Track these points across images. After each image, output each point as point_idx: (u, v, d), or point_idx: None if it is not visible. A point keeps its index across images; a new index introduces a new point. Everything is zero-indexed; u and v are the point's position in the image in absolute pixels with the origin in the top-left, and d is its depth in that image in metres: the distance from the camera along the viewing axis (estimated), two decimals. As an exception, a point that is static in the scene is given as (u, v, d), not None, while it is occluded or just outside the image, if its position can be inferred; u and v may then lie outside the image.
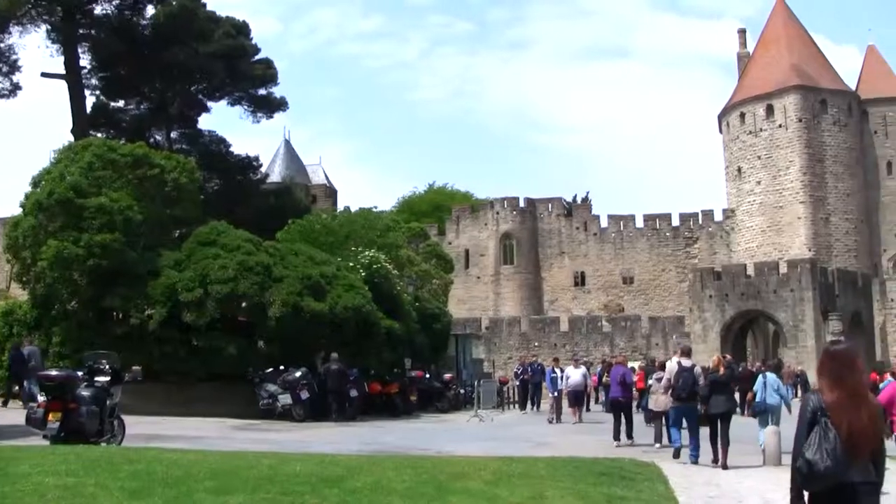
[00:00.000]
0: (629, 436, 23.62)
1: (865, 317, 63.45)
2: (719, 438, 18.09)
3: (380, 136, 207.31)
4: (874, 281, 70.66)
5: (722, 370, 19.00)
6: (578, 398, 31.46)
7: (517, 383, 41.28)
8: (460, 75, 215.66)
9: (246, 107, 59.21)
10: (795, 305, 57.77)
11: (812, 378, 45.76)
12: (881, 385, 20.36)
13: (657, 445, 21.83)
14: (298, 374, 28.84)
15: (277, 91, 59.82)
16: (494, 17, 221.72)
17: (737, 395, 29.27)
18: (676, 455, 19.08)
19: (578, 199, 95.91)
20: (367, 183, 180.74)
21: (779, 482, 14.34)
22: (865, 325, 63.00)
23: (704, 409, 18.31)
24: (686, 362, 19.35)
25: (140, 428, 19.95)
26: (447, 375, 41.23)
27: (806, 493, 6.67)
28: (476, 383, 37.97)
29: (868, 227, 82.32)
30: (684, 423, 19.32)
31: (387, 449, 19.86)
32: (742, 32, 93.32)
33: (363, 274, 35.47)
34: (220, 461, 13.06)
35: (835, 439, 6.46)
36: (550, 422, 30.91)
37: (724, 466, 17.70)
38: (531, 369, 38.99)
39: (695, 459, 18.38)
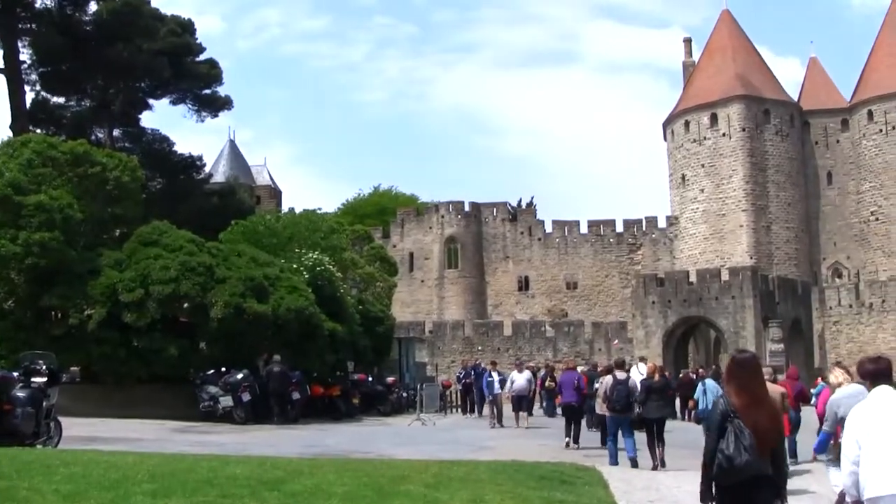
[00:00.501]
0: (577, 439, 24.08)
1: (805, 324, 64.18)
2: (655, 441, 18.78)
3: (325, 138, 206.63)
4: (813, 289, 71.48)
5: (657, 377, 19.90)
6: (523, 403, 31.18)
7: (460, 387, 41.20)
8: (405, 77, 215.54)
9: (190, 106, 58.69)
10: (736, 312, 58.30)
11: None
12: (814, 391, 20.52)
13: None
14: (240, 375, 28.61)
15: (222, 90, 59.35)
16: (439, 19, 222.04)
17: (677, 402, 29.53)
18: (614, 463, 19.30)
19: (523, 204, 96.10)
20: (311, 184, 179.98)
21: (718, 487, 14.36)
22: (805, 332, 63.72)
23: (639, 413, 19.00)
24: (621, 374, 20.02)
25: (77, 430, 19.68)
26: (390, 379, 41.21)
27: (714, 486, 7.56)
28: (419, 387, 37.93)
29: (808, 236, 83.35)
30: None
31: (328, 452, 19.74)
32: (688, 41, 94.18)
33: (307, 276, 35.33)
34: (159, 464, 12.90)
35: (750, 437, 7.33)
36: (493, 426, 30.78)
37: (662, 464, 18.34)
38: (475, 373, 38.83)
39: (633, 461, 18.87)
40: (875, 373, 7.80)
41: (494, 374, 33.18)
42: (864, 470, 6.82)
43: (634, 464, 18.77)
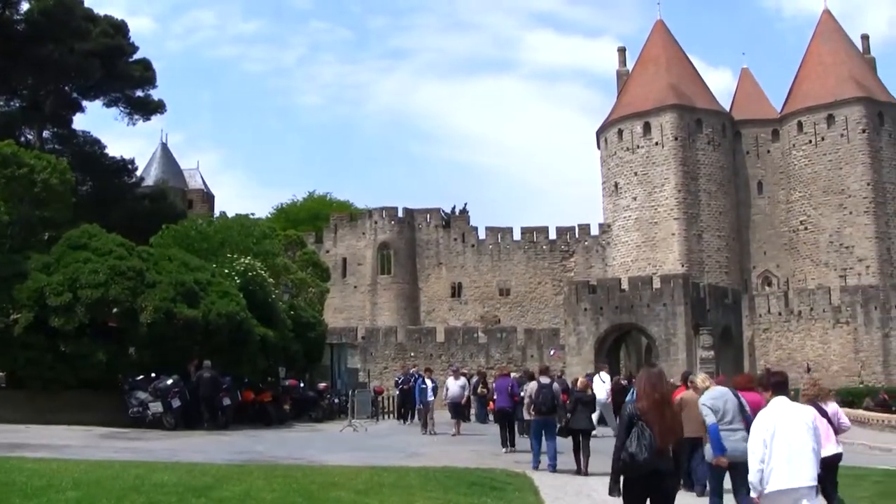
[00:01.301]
0: (512, 443, 24.73)
1: (735, 331, 64.78)
2: (581, 450, 19.46)
3: (259, 142, 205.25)
4: (744, 296, 72.24)
5: (589, 391, 21.03)
6: (458, 410, 31.03)
7: (398, 393, 40.90)
8: (340, 82, 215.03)
9: (122, 108, 57.97)
10: (668, 319, 58.68)
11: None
12: None
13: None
14: (170, 381, 28.31)
15: (155, 93, 58.72)
16: (375, 24, 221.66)
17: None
18: (536, 468, 19.86)
19: (457, 211, 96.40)
20: (244, 189, 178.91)
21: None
22: (735, 340, 64.31)
23: (566, 422, 19.92)
24: (545, 380, 21.08)
25: (2, 436, 19.39)
26: (322, 384, 41.03)
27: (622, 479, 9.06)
28: (350, 393, 37.77)
29: (739, 245, 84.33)
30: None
31: (258, 458, 19.60)
32: (622, 51, 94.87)
33: (238, 281, 35.07)
34: (85, 471, 12.74)
35: (650, 437, 8.84)
36: (425, 433, 30.66)
37: (586, 473, 18.87)
38: (413, 379, 38.53)
39: (553, 468, 19.53)
40: (777, 384, 9.45)
41: (428, 382, 33.05)
42: (768, 467, 8.56)
43: (553, 469, 19.43)
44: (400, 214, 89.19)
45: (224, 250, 40.99)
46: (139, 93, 57.71)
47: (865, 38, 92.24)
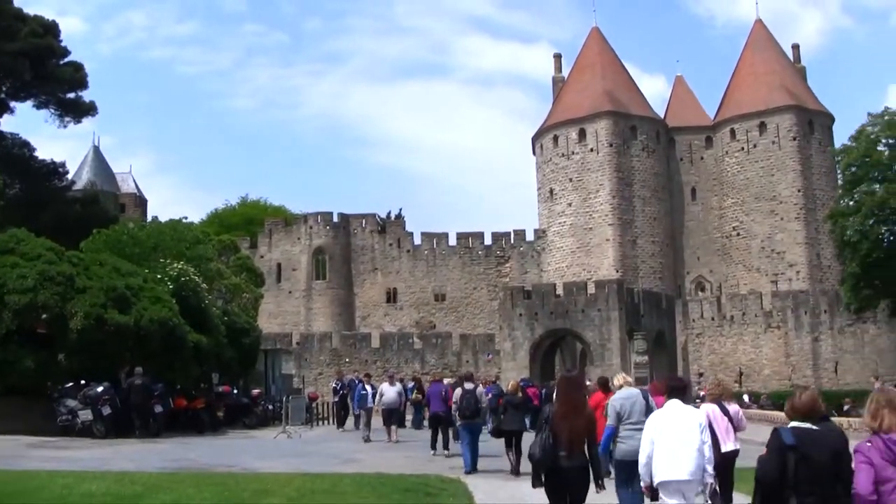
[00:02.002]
0: (445, 447, 24.82)
1: (668, 336, 65.32)
2: (513, 451, 19.92)
3: (192, 146, 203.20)
4: (677, 302, 72.93)
5: (520, 394, 21.76)
6: (393, 416, 30.69)
7: (335, 399, 40.45)
8: (275, 86, 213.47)
9: (53, 110, 57.00)
10: (602, 325, 59.02)
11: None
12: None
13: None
14: (100, 388, 27.83)
15: (86, 95, 57.80)
16: (310, 28, 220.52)
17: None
18: (469, 471, 20.17)
19: (392, 216, 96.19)
20: (178, 193, 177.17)
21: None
22: (668, 345, 64.84)
23: (498, 426, 20.68)
24: (468, 385, 21.91)
25: (-76, 445, 18.94)
26: (255, 391, 40.67)
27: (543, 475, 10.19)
28: (285, 399, 37.46)
29: (672, 250, 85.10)
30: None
31: (190, 466, 19.37)
32: (557, 57, 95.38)
33: (171, 286, 34.63)
34: (11, 481, 12.46)
35: (547, 438, 9.97)
36: (365, 440, 30.23)
37: (517, 473, 19.13)
38: (350, 385, 38.13)
39: (471, 468, 20.17)
40: (672, 389, 10.47)
41: (367, 387, 32.77)
42: (656, 461, 9.61)
43: (473, 470, 20.06)
44: (335, 220, 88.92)
45: (156, 255, 40.54)
46: (70, 94, 56.76)
47: (796, 47, 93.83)
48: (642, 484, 10.08)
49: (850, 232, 49.40)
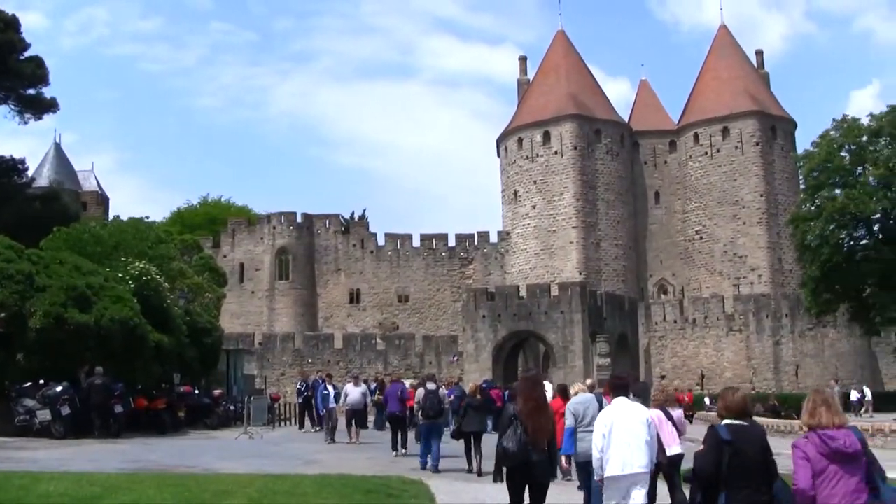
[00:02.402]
0: (404, 446, 25.20)
1: (631, 339, 65.58)
2: (473, 451, 20.47)
3: (156, 144, 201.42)
4: (640, 304, 73.22)
5: (479, 396, 21.71)
6: (357, 417, 30.48)
7: (300, 400, 40.12)
8: (242, 85, 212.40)
9: (13, 106, 56.32)
10: (565, 327, 59.16)
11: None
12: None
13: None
14: (59, 388, 27.54)
15: (48, 91, 57.14)
16: (278, 27, 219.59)
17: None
18: (424, 467, 20.96)
19: (356, 217, 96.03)
20: (141, 192, 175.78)
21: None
22: (631, 347, 65.10)
23: (459, 426, 20.75)
24: (431, 386, 22.60)
25: None
26: (217, 391, 40.45)
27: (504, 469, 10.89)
28: (246, 399, 37.29)
29: (636, 253, 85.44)
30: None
31: (151, 467, 19.20)
32: (523, 60, 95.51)
33: (132, 286, 34.37)
34: (-34, 480, 12.28)
35: (521, 434, 10.68)
36: (328, 441, 29.90)
37: (479, 473, 19.62)
38: (315, 385, 37.79)
39: (435, 468, 20.76)
40: (616, 387, 10.87)
41: (329, 388, 32.50)
42: (608, 456, 9.98)
43: (435, 470, 20.55)
44: (299, 220, 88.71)
45: (118, 254, 40.22)
46: (31, 90, 56.09)
47: (760, 53, 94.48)
48: (595, 477, 10.45)
49: (811, 236, 49.72)
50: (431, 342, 69.30)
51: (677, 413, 14.00)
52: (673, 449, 13.14)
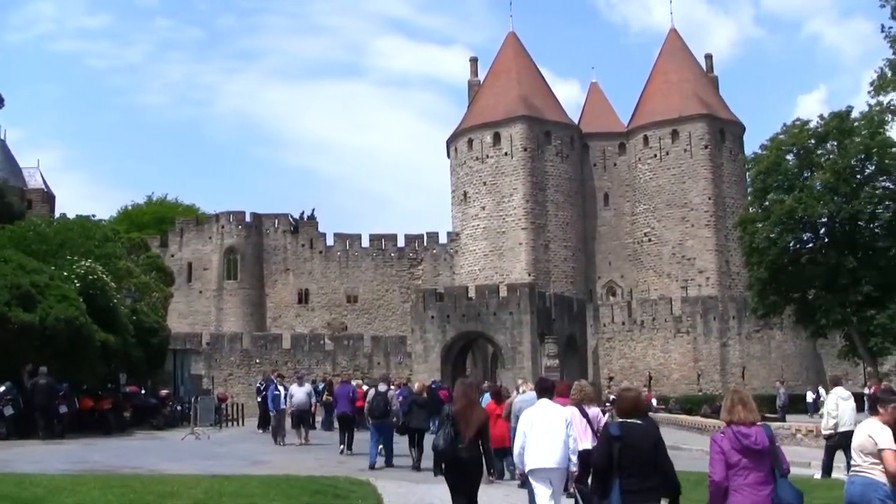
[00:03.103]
0: (350, 446, 25.73)
1: (580, 340, 65.81)
2: (416, 447, 21.61)
3: (102, 141, 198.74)
4: (589, 306, 73.53)
5: (425, 395, 23.02)
6: (304, 418, 30.24)
7: (259, 399, 39.65)
8: (188, 82, 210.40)
9: (-43, 103, 55.73)
10: (514, 328, 59.23)
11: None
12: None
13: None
14: (2, 388, 27.20)
15: (-7, 88, 56.55)
16: (224, 24, 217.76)
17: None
18: (373, 467, 21.63)
19: (305, 217, 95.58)
20: (87, 190, 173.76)
21: (490, 499, 14.52)
22: (580, 349, 65.33)
23: (404, 423, 21.61)
24: (382, 387, 23.67)
25: None
26: (164, 391, 40.16)
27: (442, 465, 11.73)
28: (193, 400, 37.03)
29: (585, 255, 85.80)
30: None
31: (95, 468, 18.99)
32: (473, 61, 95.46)
33: (78, 285, 33.98)
34: None
35: (451, 432, 11.59)
36: (276, 442, 29.29)
37: (418, 469, 20.94)
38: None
39: (389, 462, 22.20)
40: (541, 389, 12.29)
41: (281, 388, 32.11)
42: (527, 451, 11.09)
43: (371, 467, 21.52)
44: (248, 219, 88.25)
45: (63, 252, 39.72)
46: (-25, 87, 55.51)
47: (709, 57, 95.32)
48: (517, 472, 12.33)
49: (758, 239, 50.18)
50: (380, 343, 69.19)
51: (593, 411, 14.54)
52: (582, 445, 13.35)
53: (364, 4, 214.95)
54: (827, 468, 20.50)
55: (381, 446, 22.67)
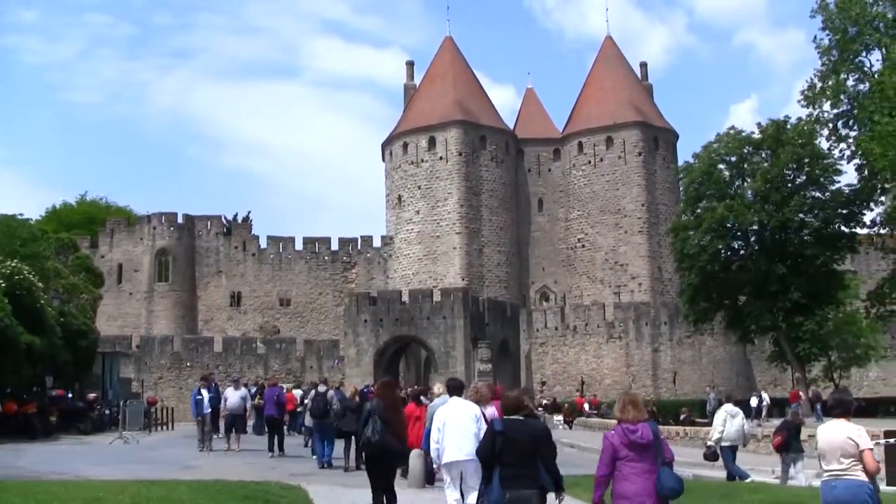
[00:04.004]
0: (280, 448, 26.47)
1: (512, 345, 65.95)
2: (350, 448, 22.13)
3: (31, 139, 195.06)
4: (522, 311, 73.72)
5: (357, 399, 23.42)
6: (237, 422, 29.60)
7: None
8: (121, 80, 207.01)
9: None
10: (447, 332, 59.24)
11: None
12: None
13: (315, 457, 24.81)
14: (-77, 391, 26.58)
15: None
16: (158, 21, 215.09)
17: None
18: (321, 466, 22.72)
19: (239, 219, 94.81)
20: (14, 188, 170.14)
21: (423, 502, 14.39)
22: (512, 353, 65.47)
23: (338, 426, 22.46)
24: (322, 388, 24.64)
25: None
26: (92, 395, 39.60)
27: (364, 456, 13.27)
28: (122, 404, 36.49)
29: (518, 260, 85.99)
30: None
31: (19, 474, 18.60)
32: (410, 65, 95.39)
33: (3, 285, 33.32)
34: None
35: (379, 425, 13.08)
36: (201, 450, 27.99)
37: (347, 469, 21.68)
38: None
39: (328, 463, 22.84)
40: (452, 388, 13.56)
41: (204, 392, 31.27)
42: (442, 446, 12.14)
43: (321, 466, 22.70)
44: (180, 221, 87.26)
45: (-12, 252, 38.99)
46: None
47: (644, 65, 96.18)
48: (434, 465, 13.60)
49: (690, 245, 50.67)
50: (313, 346, 68.81)
51: (490, 410, 15.23)
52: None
53: (300, 5, 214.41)
54: (731, 473, 21.49)
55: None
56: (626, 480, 9.31)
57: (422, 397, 20.60)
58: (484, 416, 14.35)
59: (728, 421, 21.40)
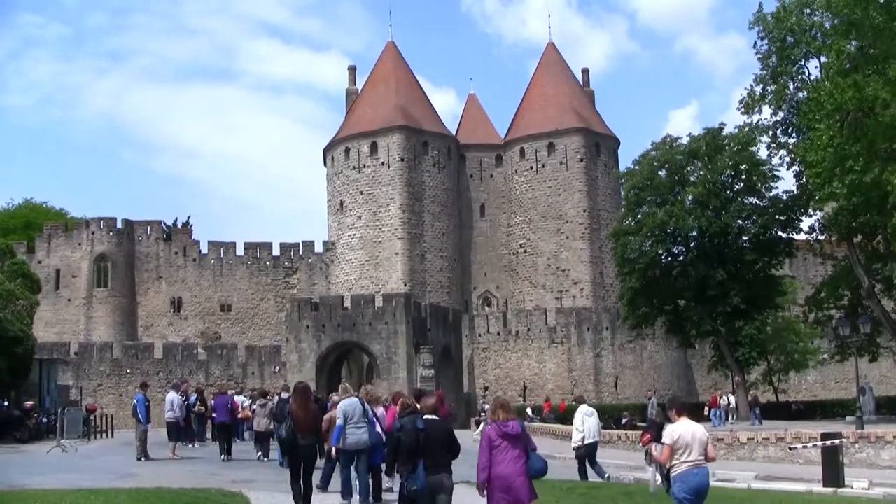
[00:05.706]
0: (229, 452, 26.85)
1: (455, 350, 65.91)
2: None
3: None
4: (464, 316, 73.75)
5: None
6: (178, 428, 29.21)
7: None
8: (54, 82, 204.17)
9: None
10: (390, 338, 59.12)
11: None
12: None
13: (265, 460, 25.96)
14: None
15: None
16: (91, 22, 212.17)
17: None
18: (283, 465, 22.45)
19: (179, 224, 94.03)
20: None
21: None
22: (455, 359, 65.42)
23: (276, 433, 22.73)
24: (284, 395, 24.85)
25: None
26: (28, 403, 39.11)
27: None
28: (60, 411, 36.00)
29: (460, 266, 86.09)
30: None
31: (-48, 483, 18.18)
32: (352, 69, 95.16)
33: (-62, 291, 32.79)
34: None
35: (290, 424, 15.29)
36: (139, 459, 27.02)
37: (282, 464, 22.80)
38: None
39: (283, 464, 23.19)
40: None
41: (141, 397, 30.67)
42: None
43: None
44: (119, 225, 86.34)
45: (-78, 258, 38.36)
46: None
47: (586, 71, 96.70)
48: (334, 448, 16.82)
49: (631, 250, 51.11)
50: (254, 352, 68.42)
51: (379, 410, 18.58)
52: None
53: (237, 6, 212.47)
54: (583, 475, 22.86)
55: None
56: (501, 464, 11.31)
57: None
58: (375, 415, 17.85)
59: (585, 420, 22.84)
